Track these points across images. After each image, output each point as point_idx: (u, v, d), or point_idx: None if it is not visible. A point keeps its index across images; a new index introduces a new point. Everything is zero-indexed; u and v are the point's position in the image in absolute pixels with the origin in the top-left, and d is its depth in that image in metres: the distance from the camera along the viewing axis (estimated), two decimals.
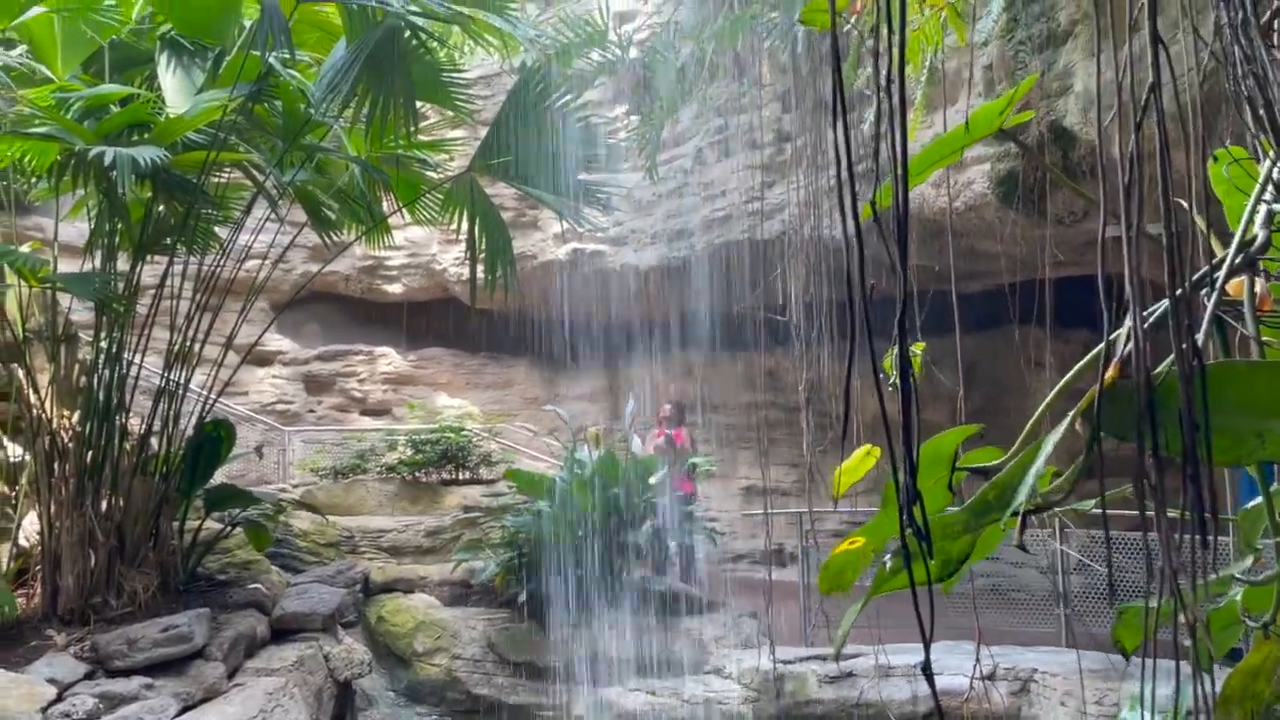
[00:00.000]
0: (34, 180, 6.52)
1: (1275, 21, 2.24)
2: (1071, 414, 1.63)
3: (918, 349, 3.26)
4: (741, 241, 8.78)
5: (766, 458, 8.58)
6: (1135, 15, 1.90)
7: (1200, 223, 2.28)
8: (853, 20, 4.14)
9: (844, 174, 1.61)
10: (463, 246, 8.69)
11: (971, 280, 8.27)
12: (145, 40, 6.69)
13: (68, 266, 7.65)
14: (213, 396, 6.91)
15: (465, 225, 7.63)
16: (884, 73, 1.65)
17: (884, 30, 1.70)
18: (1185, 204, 2.27)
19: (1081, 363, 2.07)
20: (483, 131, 7.85)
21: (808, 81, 7.27)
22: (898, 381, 1.76)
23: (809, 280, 7.37)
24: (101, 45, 6.31)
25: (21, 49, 6.20)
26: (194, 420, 6.77)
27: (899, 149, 1.60)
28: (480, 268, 7.60)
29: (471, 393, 13.06)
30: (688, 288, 9.67)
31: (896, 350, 1.63)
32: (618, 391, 11.75)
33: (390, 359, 13.30)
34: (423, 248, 12.96)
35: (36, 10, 5.53)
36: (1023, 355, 8.04)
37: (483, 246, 7.60)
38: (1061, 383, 1.79)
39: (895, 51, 1.70)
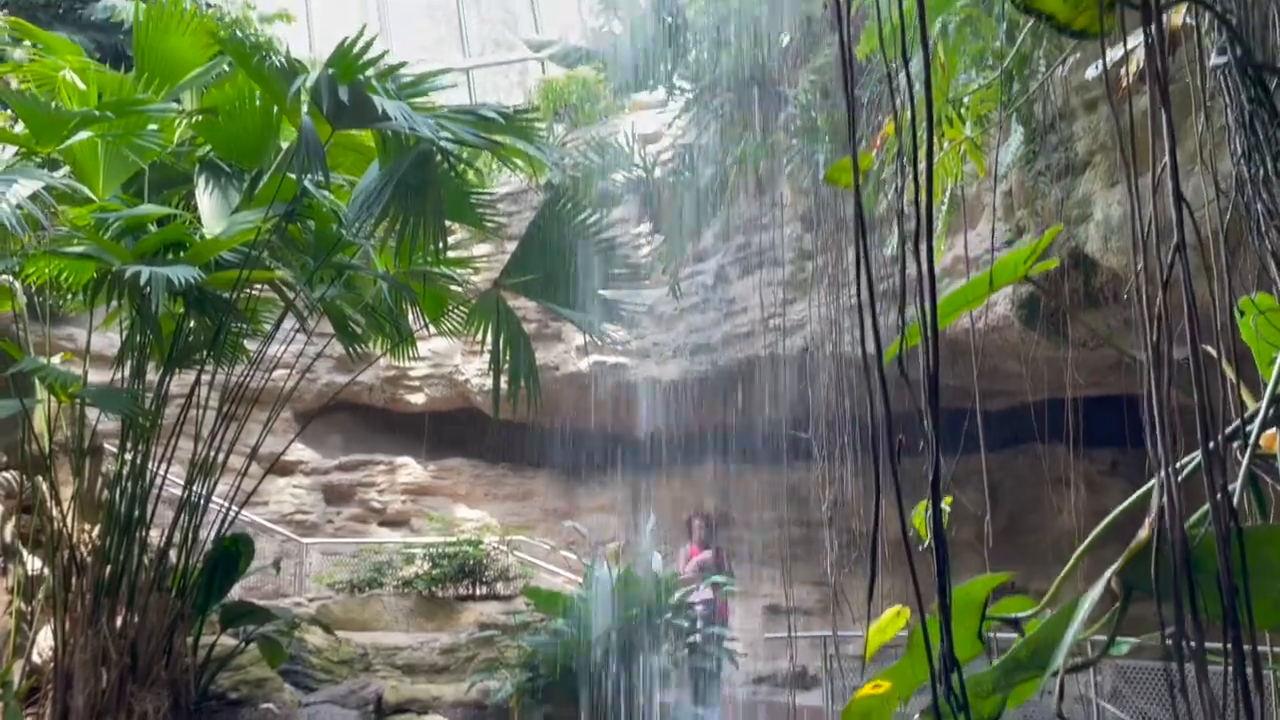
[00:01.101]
0: (70, 296, 6.66)
1: None
2: (1108, 573, 1.58)
3: (947, 504, 3.21)
4: (764, 357, 8.82)
5: (789, 577, 8.42)
6: (1154, 155, 1.91)
7: (1230, 371, 2.25)
8: (874, 154, 4.23)
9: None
10: (486, 357, 8.78)
11: (994, 398, 8.23)
12: (184, 161, 6.91)
13: (98, 376, 7.76)
14: (234, 509, 6.90)
15: (490, 339, 7.71)
16: (913, 225, 1.67)
17: (913, 190, 1.73)
18: (1213, 351, 2.25)
19: (1112, 515, 2.03)
20: (509, 245, 8.00)
21: (828, 203, 7.41)
22: (930, 541, 1.73)
23: (831, 397, 7.36)
24: (142, 167, 6.52)
25: (65, 170, 6.41)
26: (214, 532, 6.74)
27: (929, 311, 1.60)
28: (503, 380, 7.65)
29: (490, 504, 13.00)
30: (709, 402, 9.68)
31: (927, 508, 1.61)
32: (638, 505, 11.66)
33: (410, 469, 13.29)
34: (446, 358, 13.09)
35: (83, 135, 5.74)
36: (1047, 474, 7.94)
37: (506, 360, 7.67)
38: (1089, 539, 1.75)
39: (924, 214, 1.72)
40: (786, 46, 7.72)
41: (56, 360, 7.88)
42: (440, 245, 7.07)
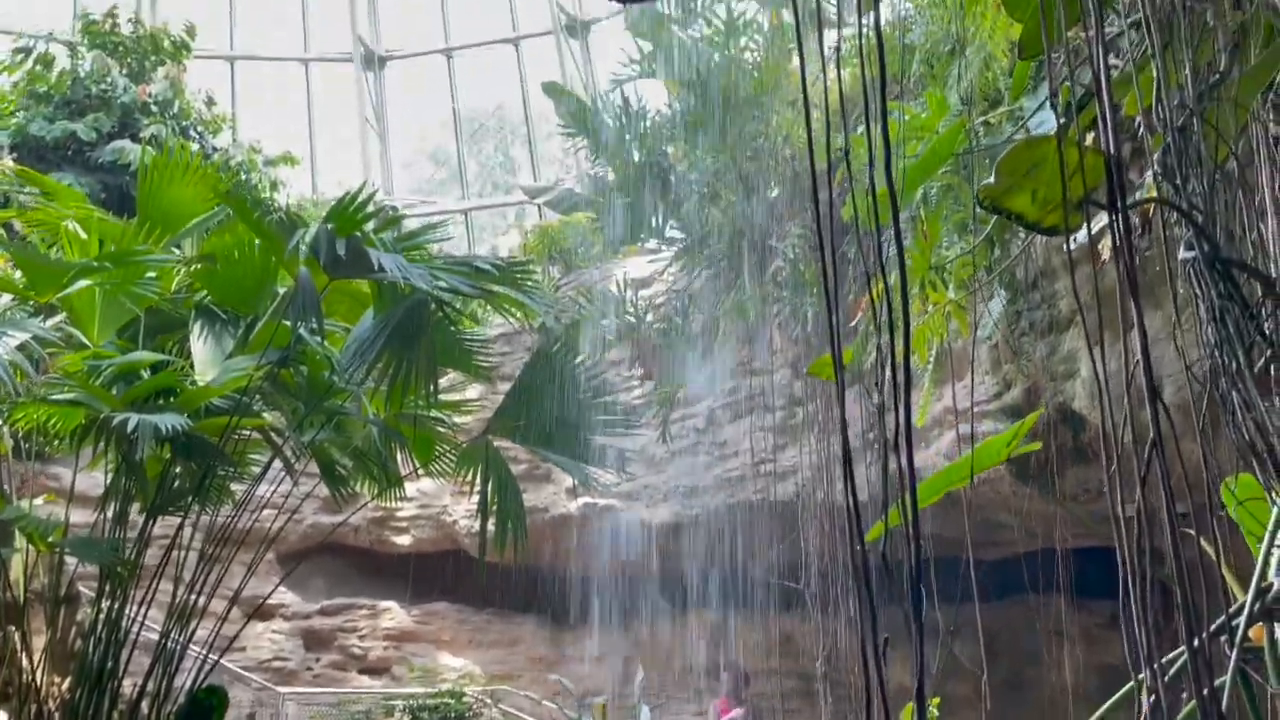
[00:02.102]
0: (57, 441, 6.63)
1: (1271, 367, 2.28)
2: None
3: (934, 705, 3.15)
4: (755, 502, 8.76)
5: None
6: (1126, 345, 1.94)
7: (1228, 576, 2.21)
8: (858, 317, 4.30)
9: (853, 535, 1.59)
10: (474, 498, 8.71)
11: (988, 548, 8.14)
12: (181, 306, 6.97)
13: (81, 516, 7.65)
14: (212, 657, 6.69)
15: (479, 483, 7.66)
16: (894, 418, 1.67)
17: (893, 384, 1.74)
18: (1199, 539, 2.22)
19: (1105, 707, 1.96)
20: (501, 385, 8.03)
21: (818, 352, 7.49)
22: None
23: (823, 545, 7.27)
24: (139, 313, 6.59)
25: (61, 316, 6.47)
26: (190, 681, 6.51)
27: (909, 504, 1.59)
28: (490, 523, 7.57)
29: (475, 651, 12.63)
30: (700, 547, 9.56)
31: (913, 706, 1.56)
32: (627, 654, 11.35)
33: (393, 614, 12.98)
34: (434, 499, 12.96)
35: (81, 284, 5.82)
36: (1044, 626, 7.78)
37: (494, 504, 7.61)
38: None
39: (903, 420, 1.73)
40: (774, 199, 7.96)
41: (40, 501, 7.78)
42: (433, 390, 7.11)
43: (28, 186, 10.62)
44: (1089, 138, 2.48)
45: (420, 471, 8.28)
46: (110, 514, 6.57)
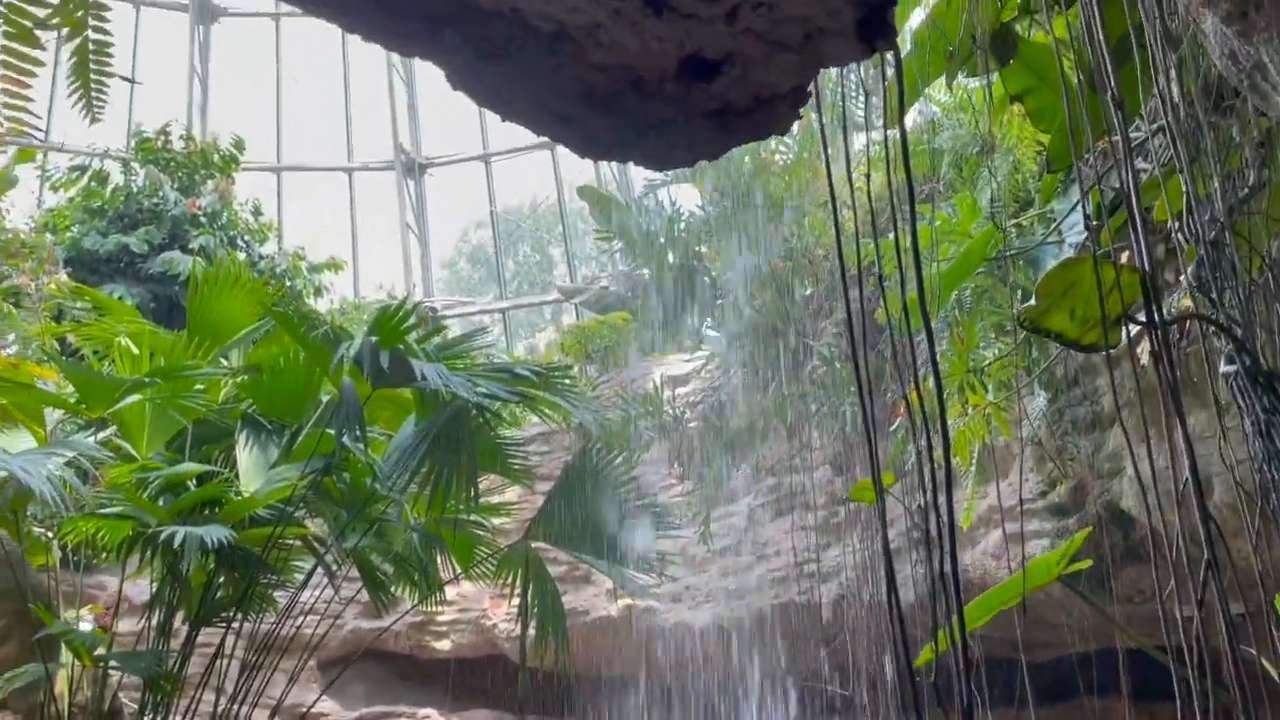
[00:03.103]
0: (105, 554, 6.71)
1: None
2: None
3: None
4: (799, 603, 8.61)
5: None
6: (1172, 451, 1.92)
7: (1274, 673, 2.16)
8: (896, 422, 4.28)
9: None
10: (513, 602, 8.64)
11: (1042, 649, 7.90)
12: (227, 416, 7.12)
13: (126, 624, 7.72)
14: None
15: (519, 587, 7.64)
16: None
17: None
18: (1260, 660, 2.16)
19: None
20: (540, 485, 8.04)
21: (857, 449, 7.45)
22: None
23: (870, 649, 7.10)
24: (186, 425, 6.72)
25: (111, 430, 6.62)
26: None
27: (957, 626, 1.57)
28: (531, 627, 7.54)
29: None
30: (744, 650, 9.37)
31: None
32: None
33: None
34: (474, 602, 12.85)
35: (132, 399, 5.97)
36: None
37: (534, 609, 7.57)
38: None
39: (948, 552, 1.72)
40: (809, 297, 8.02)
41: (85, 612, 7.83)
42: (473, 494, 7.15)
43: (80, 300, 10.99)
44: (1124, 256, 2.51)
45: (460, 576, 8.27)
46: (155, 621, 6.61)
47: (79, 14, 2.68)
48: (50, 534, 6.66)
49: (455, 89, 1.41)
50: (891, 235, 3.05)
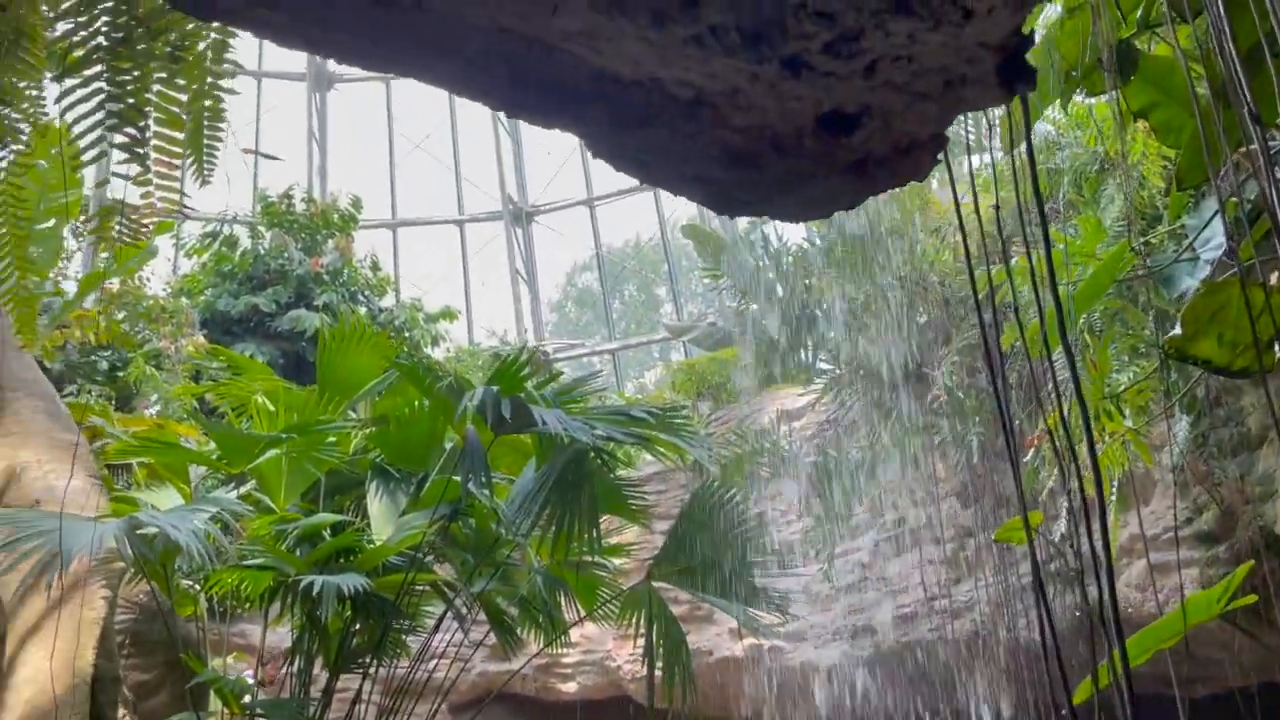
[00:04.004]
0: (248, 604, 6.99)
1: None
2: None
3: None
4: (930, 640, 8.36)
5: None
6: None
7: None
8: (1031, 451, 4.15)
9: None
10: (637, 643, 8.67)
11: (1199, 685, 7.47)
12: (357, 466, 7.39)
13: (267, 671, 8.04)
14: None
15: (643, 628, 7.64)
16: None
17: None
18: None
19: None
20: (657, 524, 8.05)
21: (984, 480, 7.23)
22: None
23: (1013, 687, 6.84)
24: (320, 476, 6.99)
25: (251, 484, 6.92)
26: None
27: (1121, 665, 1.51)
28: (657, 668, 7.52)
29: None
30: (874, 689, 9.14)
31: None
32: None
33: None
34: (597, 644, 12.88)
35: (270, 454, 6.24)
36: None
37: (659, 650, 7.56)
38: None
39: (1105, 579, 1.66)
40: (925, 325, 7.87)
41: (231, 660, 8.15)
42: (595, 536, 7.21)
43: (215, 361, 11.57)
44: (1275, 276, 2.40)
45: (584, 617, 8.33)
46: (295, 668, 6.85)
47: (200, 85, 2.86)
48: (197, 586, 6.97)
49: (595, 156, 1.45)
50: (1011, 259, 2.97)
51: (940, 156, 1.46)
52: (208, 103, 2.86)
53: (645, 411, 6.45)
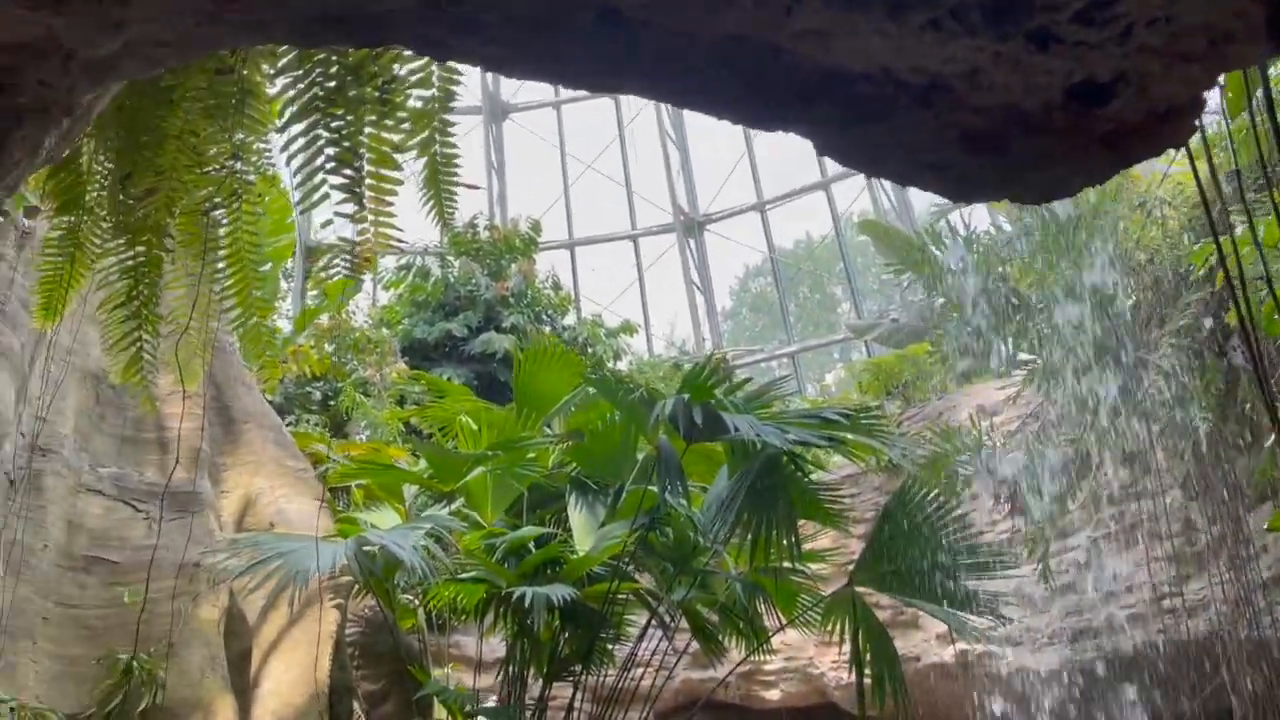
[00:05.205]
0: (463, 616, 7.30)
1: None
2: None
3: None
4: (1160, 643, 7.79)
5: None
6: None
7: None
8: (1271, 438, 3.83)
9: None
10: (837, 649, 8.49)
11: None
12: (555, 479, 7.62)
13: (482, 680, 8.38)
14: None
15: (847, 634, 7.49)
16: None
17: None
18: None
19: None
20: (853, 528, 7.87)
21: (1211, 469, 6.71)
22: None
23: (1265, 690, 6.31)
24: (522, 491, 7.24)
25: (460, 501, 7.24)
26: None
27: None
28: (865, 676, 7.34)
29: None
30: (1099, 695, 8.60)
31: None
32: None
33: None
34: (799, 651, 12.72)
35: (478, 471, 6.51)
36: None
37: (866, 656, 7.39)
38: None
39: None
40: (1134, 307, 7.39)
41: (449, 670, 8.54)
42: (793, 542, 7.13)
43: (417, 386, 12.19)
44: None
45: (785, 624, 8.25)
46: (508, 675, 7.11)
47: (425, 134, 3.03)
48: (415, 599, 7.35)
49: (821, 154, 1.43)
50: (1235, 229, 2.75)
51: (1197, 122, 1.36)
52: (439, 149, 3.03)
53: (838, 413, 6.34)
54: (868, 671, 7.28)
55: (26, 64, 1.73)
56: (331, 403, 12.71)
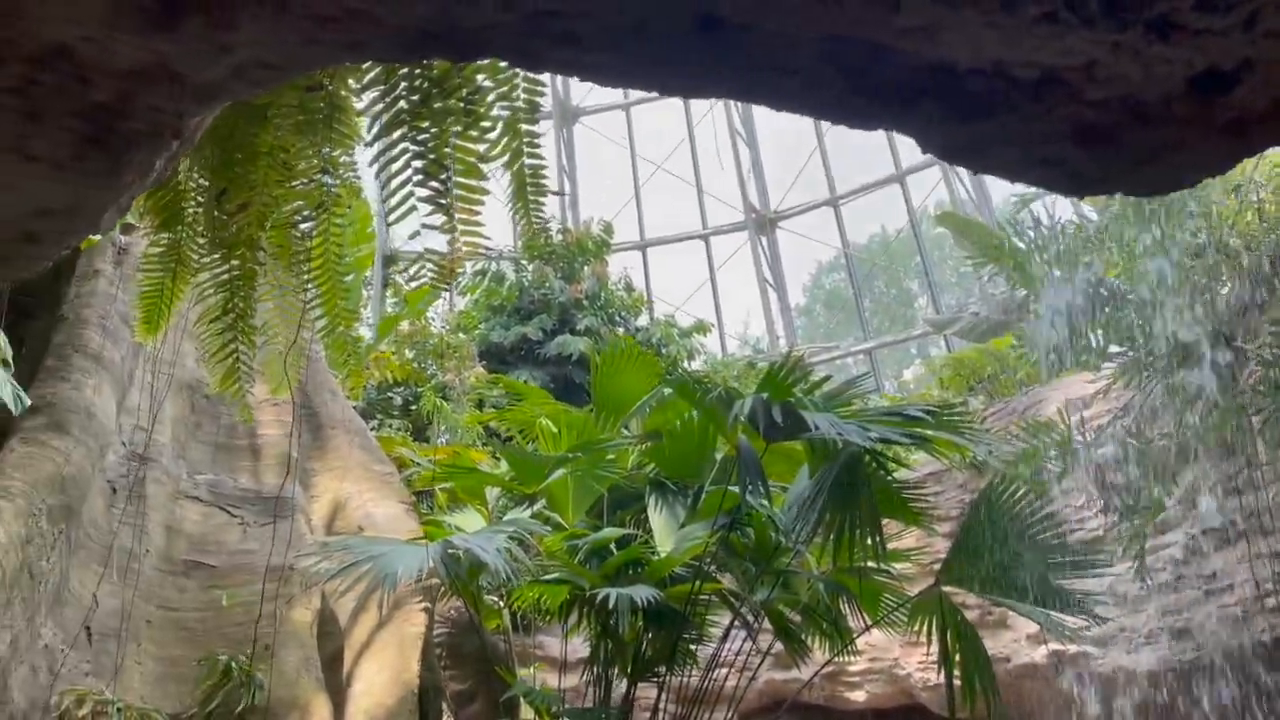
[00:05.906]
0: (547, 616, 7.37)
1: None
2: None
3: None
4: (1267, 643, 7.49)
5: None
6: None
7: None
8: None
9: None
10: (924, 649, 8.36)
11: None
12: (634, 480, 7.64)
13: (566, 681, 8.46)
14: None
15: (934, 635, 7.37)
16: None
17: None
18: None
19: None
20: (937, 526, 7.73)
21: None
22: None
23: None
24: (602, 492, 7.28)
25: (541, 503, 7.31)
26: None
27: None
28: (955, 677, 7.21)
29: None
30: (1202, 697, 8.30)
31: None
32: None
33: None
34: (884, 652, 12.53)
35: (559, 473, 6.57)
36: None
37: (955, 657, 7.26)
38: None
39: None
40: (1227, 295, 7.12)
41: (534, 670, 8.63)
42: (877, 541, 7.03)
43: (495, 389, 12.35)
44: None
45: (870, 625, 8.14)
46: (593, 678, 7.16)
47: (514, 145, 3.08)
48: (500, 601, 7.44)
49: (924, 151, 1.42)
50: None
51: None
52: (527, 161, 3.08)
53: (921, 410, 6.24)
54: (957, 673, 7.15)
55: (138, 89, 1.80)
56: (412, 407, 12.95)
